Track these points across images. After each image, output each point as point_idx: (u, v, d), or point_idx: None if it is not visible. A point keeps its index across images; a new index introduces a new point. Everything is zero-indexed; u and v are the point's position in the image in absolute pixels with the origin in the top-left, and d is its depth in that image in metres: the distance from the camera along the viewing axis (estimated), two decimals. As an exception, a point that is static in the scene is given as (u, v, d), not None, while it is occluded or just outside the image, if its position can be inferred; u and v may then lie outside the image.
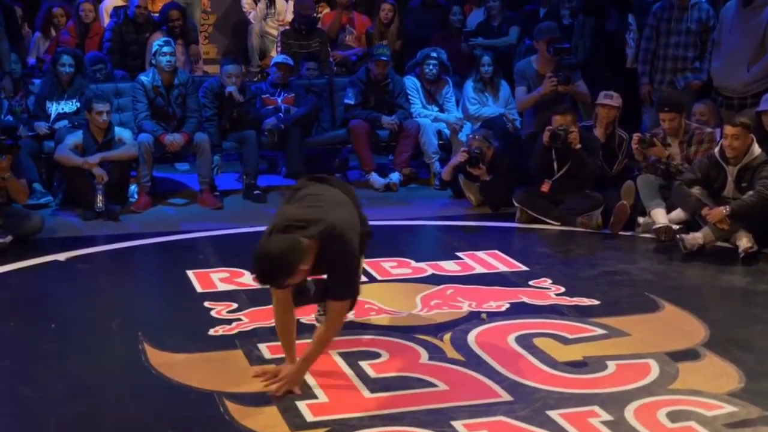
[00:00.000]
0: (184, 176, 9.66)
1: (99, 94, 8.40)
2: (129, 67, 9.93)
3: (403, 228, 7.98)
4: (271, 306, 5.63)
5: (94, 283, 6.53)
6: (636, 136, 7.78)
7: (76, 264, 6.81)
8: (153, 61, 8.88)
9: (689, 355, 5.02)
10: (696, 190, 7.13)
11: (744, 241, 6.84)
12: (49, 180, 8.79)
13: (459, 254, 6.92)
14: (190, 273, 6.46)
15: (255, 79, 10.53)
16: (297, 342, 4.71)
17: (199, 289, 6.15)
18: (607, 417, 4.24)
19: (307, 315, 5.35)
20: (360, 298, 4.85)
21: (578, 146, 7.81)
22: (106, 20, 10.44)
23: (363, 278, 5.43)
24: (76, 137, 8.27)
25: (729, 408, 4.33)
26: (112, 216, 8.06)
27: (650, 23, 9.04)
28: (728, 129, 6.98)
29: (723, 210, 6.86)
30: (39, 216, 7.55)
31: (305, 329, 5.05)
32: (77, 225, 7.95)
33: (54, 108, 8.74)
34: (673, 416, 4.25)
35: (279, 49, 10.60)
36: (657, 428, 4.14)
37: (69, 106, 8.76)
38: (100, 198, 8.04)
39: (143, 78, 8.80)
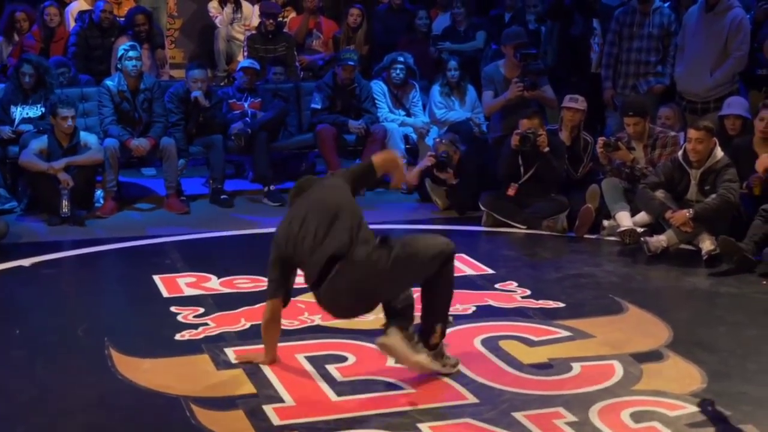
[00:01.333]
0: (151, 181, 9.61)
1: (64, 99, 8.34)
2: (94, 72, 9.87)
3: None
4: (237, 311, 5.70)
5: (59, 289, 6.50)
6: (601, 139, 7.84)
7: (42, 270, 6.77)
8: (119, 66, 8.85)
9: (653, 356, 5.07)
10: (660, 194, 7.19)
11: (707, 244, 6.91)
12: (14, 185, 8.71)
13: (426, 258, 6.94)
14: (156, 278, 6.45)
15: (221, 84, 10.51)
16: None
17: (165, 294, 6.14)
18: (571, 418, 4.27)
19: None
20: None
21: (546, 149, 7.86)
22: (72, 24, 10.38)
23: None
24: (41, 142, 8.22)
25: (692, 408, 4.39)
26: (77, 221, 8.02)
27: (613, 28, 9.12)
28: (692, 133, 7.05)
29: (686, 213, 6.93)
30: (3, 221, 7.49)
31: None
32: (42, 230, 7.90)
33: (18, 112, 8.68)
34: (637, 417, 4.29)
35: (245, 53, 10.60)
36: (621, 429, 4.18)
37: (33, 111, 8.70)
38: (65, 203, 8.00)
39: (109, 82, 8.76)
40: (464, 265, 6.81)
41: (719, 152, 7.06)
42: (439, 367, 4.71)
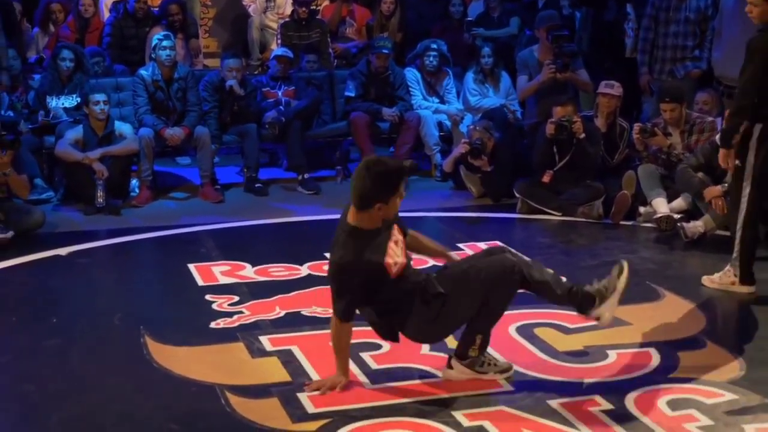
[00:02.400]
0: (185, 170, 9.66)
1: (95, 86, 8.42)
2: (129, 62, 9.92)
3: (404, 220, 7.99)
4: (271, 299, 5.71)
5: (95, 278, 6.55)
6: (637, 125, 7.77)
7: (78, 259, 6.82)
8: (153, 56, 8.88)
9: (690, 343, 5.03)
10: (699, 175, 7.13)
11: (745, 230, 6.83)
12: (50, 175, 8.79)
13: (460, 245, 6.92)
14: (191, 266, 6.47)
15: (255, 73, 10.52)
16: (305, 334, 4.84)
17: (200, 282, 6.17)
18: (607, 406, 4.25)
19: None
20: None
21: (582, 135, 7.81)
22: (106, 15, 10.44)
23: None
24: (76, 132, 8.28)
25: (729, 396, 4.34)
26: (113, 211, 8.07)
27: (648, 13, 9.03)
28: (730, 117, 6.96)
29: (720, 187, 6.87)
30: (40, 211, 7.56)
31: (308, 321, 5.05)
32: (78, 220, 7.96)
33: (54, 103, 8.75)
34: (674, 404, 4.26)
35: (279, 41, 10.60)
36: (657, 416, 4.15)
37: (69, 101, 8.76)
38: (100, 193, 8.05)
39: (143, 72, 8.80)
40: (499, 253, 6.78)
41: (758, 136, 6.97)
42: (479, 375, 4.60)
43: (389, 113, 9.42)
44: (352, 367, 4.66)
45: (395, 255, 4.33)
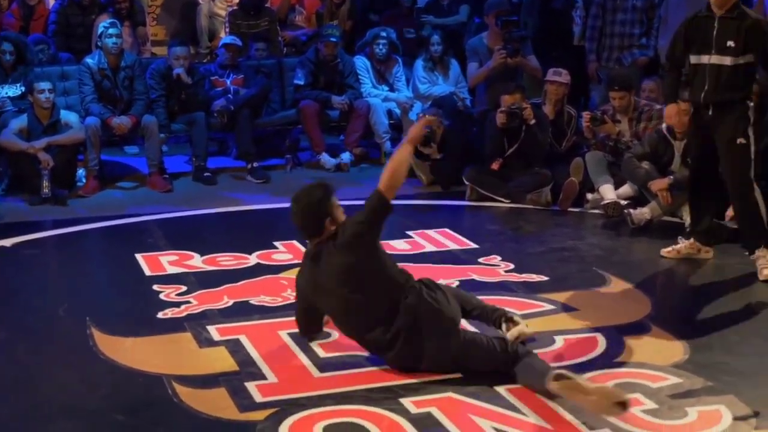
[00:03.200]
0: (133, 159, 9.57)
1: (40, 74, 8.32)
2: (75, 50, 9.80)
3: (354, 208, 7.96)
4: (219, 288, 5.68)
5: (41, 269, 6.46)
6: (587, 114, 7.83)
7: (23, 250, 6.73)
8: (99, 44, 8.79)
9: (636, 328, 5.08)
10: (645, 165, 7.20)
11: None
12: (-6, 165, 8.66)
13: (409, 233, 6.94)
14: (138, 256, 6.42)
15: (204, 61, 10.44)
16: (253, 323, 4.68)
17: (147, 272, 6.12)
18: (554, 391, 4.27)
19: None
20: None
21: (533, 121, 7.86)
22: (51, 2, 10.30)
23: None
24: (20, 121, 8.17)
25: (674, 379, 4.39)
26: (59, 201, 7.97)
27: (597, 1, 9.09)
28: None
29: (667, 179, 6.95)
30: (-16, 202, 7.46)
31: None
32: (24, 210, 7.86)
33: (-2, 92, 8.63)
34: (620, 388, 4.28)
35: (227, 29, 10.52)
36: (603, 401, 4.18)
37: (13, 90, 8.63)
38: (46, 183, 7.95)
39: (89, 60, 8.70)
40: (448, 240, 6.81)
41: (702, 124, 7.04)
42: None
43: (338, 101, 9.40)
44: (300, 356, 4.65)
45: None
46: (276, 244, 6.64)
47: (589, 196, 7.72)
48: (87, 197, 8.25)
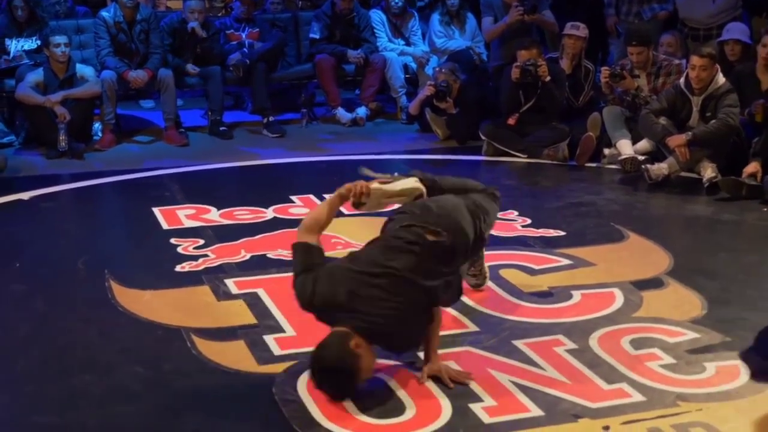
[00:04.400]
0: (149, 113, 9.57)
1: (56, 28, 8.29)
2: (91, 3, 9.78)
3: (370, 163, 7.92)
4: (237, 242, 5.68)
5: (59, 222, 6.48)
6: (606, 69, 7.75)
7: (41, 203, 6.76)
8: (115, -3, 8.75)
9: (653, 283, 5.07)
10: (662, 120, 7.15)
11: (708, 171, 6.88)
12: (12, 119, 8.68)
13: (426, 188, 6.92)
14: (156, 210, 6.43)
15: (219, 15, 10.40)
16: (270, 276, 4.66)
17: (165, 226, 6.13)
18: (572, 345, 4.27)
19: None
20: (327, 232, 4.67)
21: (548, 78, 7.80)
22: (67, -45, 10.22)
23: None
24: (37, 75, 8.16)
25: (691, 335, 4.39)
26: (76, 154, 7.98)
27: (616, -46, 8.99)
28: (695, 60, 6.97)
29: (684, 135, 6.90)
30: (2, 155, 7.50)
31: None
32: (41, 164, 7.88)
33: (13, 45, 8.60)
34: (637, 343, 4.30)
35: (243, -17, 10.44)
36: (620, 355, 4.18)
37: (29, 43, 8.62)
38: (62, 137, 7.96)
39: (104, 14, 8.67)
40: (464, 195, 6.79)
41: (721, 78, 7.00)
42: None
43: (354, 55, 9.35)
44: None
45: None
46: (292, 197, 6.65)
47: (606, 151, 7.68)
48: (103, 151, 8.26)
